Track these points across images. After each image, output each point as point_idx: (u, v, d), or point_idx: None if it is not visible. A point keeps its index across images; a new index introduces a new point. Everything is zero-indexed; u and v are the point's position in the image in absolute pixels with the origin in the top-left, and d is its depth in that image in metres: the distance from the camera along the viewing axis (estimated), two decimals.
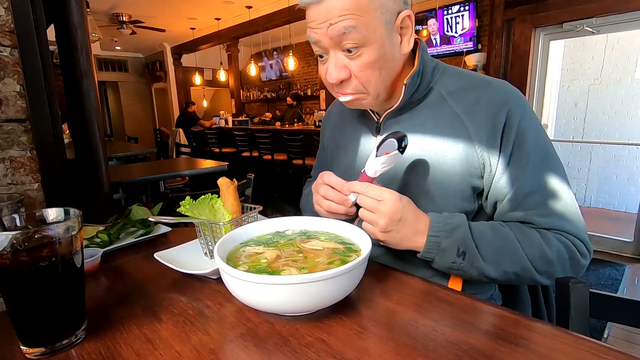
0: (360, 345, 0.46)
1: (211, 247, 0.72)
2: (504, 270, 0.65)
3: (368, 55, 0.64)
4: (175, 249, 0.76)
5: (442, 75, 0.74)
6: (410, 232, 0.64)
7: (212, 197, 0.73)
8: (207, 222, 0.70)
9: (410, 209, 0.64)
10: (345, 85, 0.68)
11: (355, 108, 0.77)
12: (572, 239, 0.66)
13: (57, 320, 0.47)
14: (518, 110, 0.67)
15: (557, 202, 0.67)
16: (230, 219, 0.72)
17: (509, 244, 0.65)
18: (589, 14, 2.98)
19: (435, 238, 0.64)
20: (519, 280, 0.68)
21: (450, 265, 0.64)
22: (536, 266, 0.65)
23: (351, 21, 0.61)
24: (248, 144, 5.64)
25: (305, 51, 7.73)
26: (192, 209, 0.71)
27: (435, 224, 0.64)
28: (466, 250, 0.64)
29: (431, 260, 0.66)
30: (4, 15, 0.91)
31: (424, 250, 0.64)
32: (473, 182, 0.69)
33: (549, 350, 0.44)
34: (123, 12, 6.13)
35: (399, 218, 0.62)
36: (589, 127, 4.29)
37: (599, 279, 2.60)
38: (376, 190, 0.63)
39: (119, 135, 9.66)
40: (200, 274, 0.64)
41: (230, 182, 0.78)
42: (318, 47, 0.67)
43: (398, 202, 0.62)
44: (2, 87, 0.92)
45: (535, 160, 0.67)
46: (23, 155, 0.97)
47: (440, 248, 0.64)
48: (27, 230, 0.47)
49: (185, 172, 2.78)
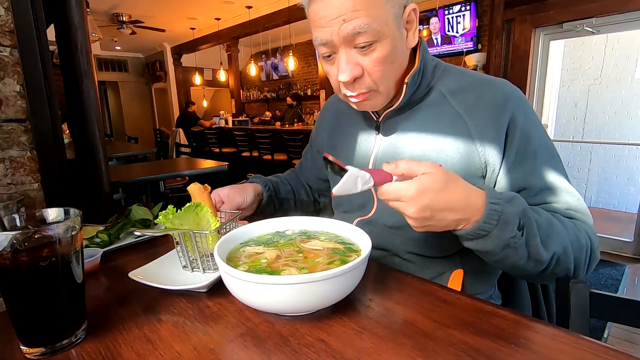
0: (360, 345, 0.46)
1: (192, 258, 0.65)
2: (553, 251, 0.58)
3: (381, 50, 0.63)
4: (153, 263, 0.68)
5: (442, 74, 0.74)
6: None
7: (198, 205, 0.67)
8: (191, 232, 0.63)
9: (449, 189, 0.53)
10: (357, 84, 0.66)
11: (365, 110, 0.75)
12: (590, 230, 0.66)
13: (57, 320, 0.47)
14: (521, 109, 0.67)
15: (568, 195, 0.67)
16: (217, 226, 0.65)
17: (553, 222, 0.61)
18: (589, 14, 2.98)
19: (496, 206, 0.54)
20: (552, 271, 0.61)
21: (508, 241, 0.55)
22: (574, 250, 0.61)
23: (365, 18, 0.59)
24: (248, 144, 5.64)
25: (305, 51, 7.73)
26: (175, 219, 0.65)
27: (490, 190, 0.56)
28: (526, 223, 0.56)
29: (485, 235, 0.55)
30: (4, 15, 0.91)
31: (482, 220, 0.54)
32: (474, 182, 0.68)
33: (549, 350, 0.44)
34: (123, 12, 6.14)
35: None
36: (589, 127, 4.29)
37: (599, 279, 2.60)
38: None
39: (119, 135, 9.65)
40: (189, 288, 0.59)
41: (204, 188, 0.73)
42: (327, 48, 0.65)
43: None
44: (2, 87, 0.92)
45: (543, 158, 0.67)
46: (23, 155, 0.97)
47: (502, 219, 0.54)
48: (27, 230, 0.47)
49: (185, 172, 2.78)
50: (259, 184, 0.92)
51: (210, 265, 0.65)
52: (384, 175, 0.54)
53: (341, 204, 0.87)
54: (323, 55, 0.67)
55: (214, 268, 0.65)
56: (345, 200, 0.85)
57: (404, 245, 0.74)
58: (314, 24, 0.64)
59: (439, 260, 0.73)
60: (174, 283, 0.60)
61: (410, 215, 0.53)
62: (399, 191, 0.52)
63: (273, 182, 0.97)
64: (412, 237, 0.72)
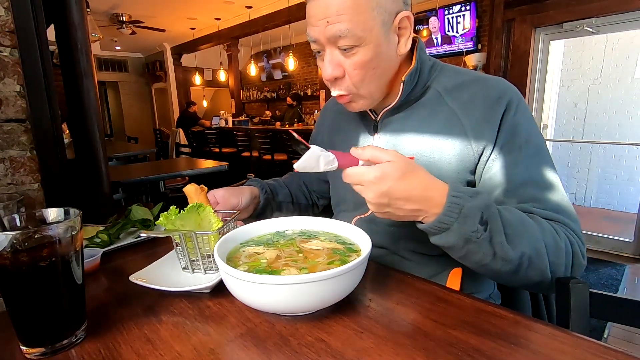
0: (360, 345, 0.46)
1: (192, 259, 0.65)
2: (522, 251, 0.57)
3: (362, 55, 0.64)
4: (153, 266, 0.67)
5: (439, 73, 0.75)
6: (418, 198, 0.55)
7: (200, 205, 0.67)
8: (193, 233, 0.62)
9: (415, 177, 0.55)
10: (339, 84, 0.69)
11: (354, 110, 0.76)
12: (572, 235, 0.63)
13: (57, 320, 0.47)
14: (514, 105, 0.67)
15: (553, 195, 0.65)
16: (220, 226, 0.64)
17: (526, 221, 0.60)
18: (589, 14, 2.98)
19: (457, 199, 0.54)
20: (524, 273, 0.60)
21: (469, 235, 0.55)
22: (549, 252, 0.59)
23: (347, 24, 0.61)
24: (248, 144, 5.64)
25: (305, 51, 7.73)
26: (177, 219, 0.64)
27: (454, 185, 0.57)
28: (489, 219, 0.55)
29: (447, 228, 0.56)
30: (4, 15, 0.91)
31: (442, 213, 0.54)
32: (467, 178, 0.70)
33: (549, 350, 0.44)
34: (123, 12, 6.13)
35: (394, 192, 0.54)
36: (589, 127, 4.29)
37: (599, 279, 2.60)
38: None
39: (119, 135, 9.65)
40: (193, 290, 0.59)
41: (200, 189, 0.72)
42: (316, 45, 0.68)
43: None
44: (2, 87, 0.92)
45: (528, 153, 0.66)
46: (23, 155, 0.97)
47: (462, 212, 0.54)
48: (27, 230, 0.47)
49: (185, 172, 2.79)
50: (256, 187, 0.92)
51: (212, 266, 0.65)
52: (350, 159, 0.56)
53: (340, 203, 0.87)
54: (314, 50, 0.70)
55: (216, 268, 0.64)
56: (344, 200, 0.85)
57: (402, 244, 0.75)
58: (307, 21, 0.67)
59: (438, 259, 0.73)
60: (176, 285, 0.60)
61: (369, 200, 0.56)
62: (361, 175, 0.55)
63: (270, 186, 0.96)
64: (411, 235, 0.72)
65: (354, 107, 0.73)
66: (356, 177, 0.55)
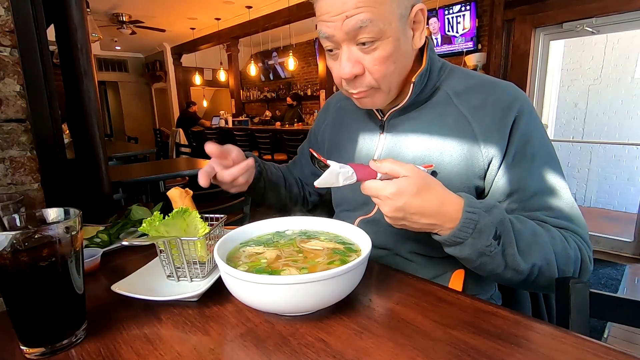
0: (360, 345, 0.46)
1: (177, 267, 0.62)
2: (533, 262, 0.59)
3: (383, 49, 0.63)
4: (136, 274, 0.64)
5: (448, 75, 0.74)
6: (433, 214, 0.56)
7: (186, 210, 0.64)
8: (178, 239, 0.59)
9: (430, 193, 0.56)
10: (357, 82, 0.67)
11: (367, 107, 0.75)
12: (581, 242, 0.66)
13: (57, 320, 0.47)
14: (526, 112, 0.67)
15: (564, 204, 0.66)
16: (207, 231, 0.62)
17: (538, 232, 0.61)
18: (589, 14, 2.98)
19: (472, 215, 0.55)
20: (534, 281, 0.62)
21: (484, 250, 0.56)
22: (558, 261, 0.61)
23: (368, 14, 0.59)
24: (248, 144, 5.64)
25: (305, 51, 7.73)
26: (161, 226, 0.61)
27: (469, 199, 0.57)
28: (502, 233, 0.57)
29: (461, 242, 0.57)
30: (4, 15, 0.91)
31: (457, 228, 0.55)
32: (476, 183, 0.69)
33: (549, 350, 0.44)
34: (123, 12, 6.13)
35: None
36: (589, 127, 4.29)
37: (599, 279, 2.60)
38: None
39: (119, 135, 9.65)
40: (178, 299, 0.56)
41: (185, 192, 0.69)
42: (330, 42, 0.65)
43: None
44: (2, 87, 0.92)
45: (541, 161, 0.66)
46: (23, 155, 0.97)
47: (477, 228, 0.55)
48: (27, 230, 0.47)
49: (185, 172, 2.79)
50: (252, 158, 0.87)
51: (199, 273, 0.62)
52: (368, 171, 0.58)
53: (342, 202, 0.87)
54: (326, 48, 0.68)
55: (202, 276, 0.62)
56: (345, 199, 0.85)
57: (405, 245, 0.75)
58: (319, 19, 0.65)
59: (441, 260, 0.73)
60: (161, 294, 0.58)
61: (385, 214, 0.57)
62: (378, 190, 0.56)
63: (265, 164, 0.93)
64: (414, 236, 0.72)
65: (366, 103, 0.71)
66: (374, 190, 0.56)
